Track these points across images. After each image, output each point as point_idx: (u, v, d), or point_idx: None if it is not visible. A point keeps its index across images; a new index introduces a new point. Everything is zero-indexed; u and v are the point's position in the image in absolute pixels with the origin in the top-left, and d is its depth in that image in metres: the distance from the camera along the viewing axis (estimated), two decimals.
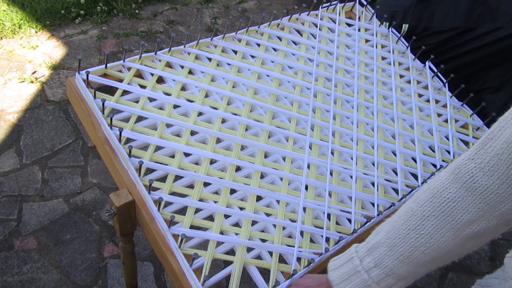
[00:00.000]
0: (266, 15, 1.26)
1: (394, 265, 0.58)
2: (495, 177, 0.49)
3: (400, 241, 0.57)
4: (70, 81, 0.95)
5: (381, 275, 0.59)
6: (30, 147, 1.80)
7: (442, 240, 0.54)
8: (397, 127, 1.15)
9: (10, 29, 2.24)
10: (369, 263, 0.60)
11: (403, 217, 0.58)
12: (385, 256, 0.59)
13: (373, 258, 0.60)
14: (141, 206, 0.83)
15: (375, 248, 0.60)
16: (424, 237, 0.55)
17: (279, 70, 1.15)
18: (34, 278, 1.44)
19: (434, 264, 0.58)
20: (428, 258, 0.56)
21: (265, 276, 0.81)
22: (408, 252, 0.57)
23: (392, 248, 0.58)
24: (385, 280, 0.59)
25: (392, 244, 0.58)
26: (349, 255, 0.62)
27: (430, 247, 0.55)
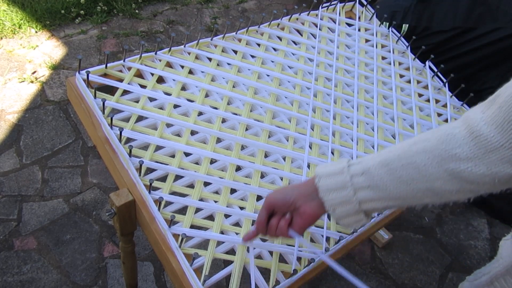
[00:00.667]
0: (266, 15, 1.26)
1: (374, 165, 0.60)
2: (493, 126, 0.51)
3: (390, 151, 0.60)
4: (70, 81, 0.96)
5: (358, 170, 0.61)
6: (30, 147, 1.80)
7: (426, 161, 0.56)
8: (397, 126, 1.15)
9: (10, 29, 2.24)
10: (354, 161, 0.63)
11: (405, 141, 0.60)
12: (370, 158, 0.61)
13: (360, 158, 0.62)
14: (142, 205, 0.83)
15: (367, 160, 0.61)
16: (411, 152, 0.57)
17: (279, 70, 1.15)
18: (34, 278, 1.44)
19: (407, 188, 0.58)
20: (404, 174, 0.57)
21: (265, 276, 0.81)
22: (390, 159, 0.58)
23: (380, 154, 0.60)
24: (359, 176, 0.60)
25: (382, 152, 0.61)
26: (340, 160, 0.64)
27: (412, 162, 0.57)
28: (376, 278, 1.65)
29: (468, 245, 1.83)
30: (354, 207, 0.61)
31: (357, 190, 0.60)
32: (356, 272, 1.65)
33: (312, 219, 0.66)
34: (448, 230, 1.86)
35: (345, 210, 0.62)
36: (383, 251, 1.73)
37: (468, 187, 0.55)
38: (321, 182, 0.63)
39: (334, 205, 0.62)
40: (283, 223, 0.68)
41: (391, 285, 1.64)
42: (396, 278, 1.66)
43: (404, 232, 1.82)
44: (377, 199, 0.60)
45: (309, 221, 0.66)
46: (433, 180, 0.56)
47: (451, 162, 0.54)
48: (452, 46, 1.77)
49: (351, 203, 0.61)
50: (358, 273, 1.65)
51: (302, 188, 0.66)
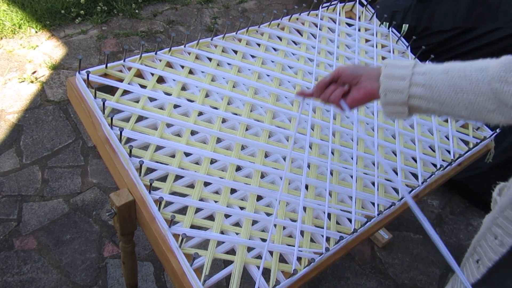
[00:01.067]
0: (266, 15, 1.26)
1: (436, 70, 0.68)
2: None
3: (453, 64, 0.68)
4: (70, 81, 0.95)
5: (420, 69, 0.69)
6: (30, 147, 1.80)
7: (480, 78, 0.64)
8: (397, 126, 1.15)
9: (10, 29, 2.24)
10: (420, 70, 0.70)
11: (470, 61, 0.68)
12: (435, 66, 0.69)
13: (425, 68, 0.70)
14: (142, 205, 0.83)
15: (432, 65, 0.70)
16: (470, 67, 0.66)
17: (279, 70, 1.15)
18: (34, 278, 1.44)
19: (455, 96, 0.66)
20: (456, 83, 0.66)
21: (265, 276, 0.81)
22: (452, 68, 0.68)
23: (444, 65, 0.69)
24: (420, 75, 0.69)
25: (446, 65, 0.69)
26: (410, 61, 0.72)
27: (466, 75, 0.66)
28: (376, 278, 1.65)
29: (468, 245, 1.83)
30: (403, 98, 0.69)
31: (412, 84, 0.68)
32: (356, 272, 1.65)
33: (367, 96, 0.74)
34: (448, 230, 1.86)
35: (394, 98, 0.70)
36: (383, 251, 1.73)
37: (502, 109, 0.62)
38: (386, 69, 0.71)
39: (387, 90, 0.70)
40: (339, 90, 0.77)
41: (391, 285, 1.64)
42: (396, 278, 1.66)
43: (404, 232, 1.82)
44: (425, 98, 0.68)
45: (363, 97, 0.75)
46: (478, 95, 0.64)
47: (498, 83, 0.61)
48: (452, 46, 1.77)
49: (402, 93, 0.69)
50: (358, 273, 1.65)
51: (370, 69, 0.75)
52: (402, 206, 1.02)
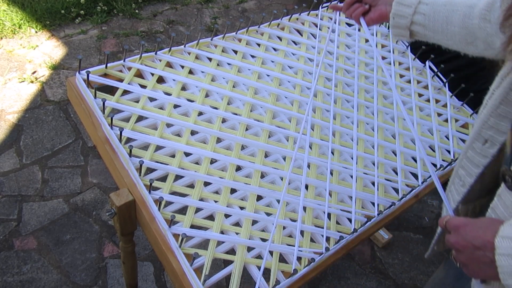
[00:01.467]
0: (266, 15, 1.26)
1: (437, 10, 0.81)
2: None
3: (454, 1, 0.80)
4: (70, 81, 0.95)
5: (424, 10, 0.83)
6: (30, 147, 1.80)
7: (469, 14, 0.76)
8: (397, 126, 1.15)
9: (10, 29, 2.24)
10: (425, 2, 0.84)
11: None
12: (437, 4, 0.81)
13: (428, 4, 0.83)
14: (142, 205, 0.83)
15: None
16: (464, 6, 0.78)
17: (279, 70, 1.15)
18: (34, 278, 1.44)
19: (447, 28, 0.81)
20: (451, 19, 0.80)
21: (265, 276, 0.81)
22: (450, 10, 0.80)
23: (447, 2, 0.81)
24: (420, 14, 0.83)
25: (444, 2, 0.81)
26: None
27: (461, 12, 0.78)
28: (376, 278, 1.65)
29: None
30: (407, 23, 0.85)
31: (416, 12, 0.83)
32: (356, 272, 1.65)
33: (380, 17, 0.92)
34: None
35: (400, 22, 0.86)
36: (383, 251, 1.73)
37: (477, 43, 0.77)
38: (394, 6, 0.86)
39: (395, 15, 0.86)
40: (361, 9, 0.94)
41: (391, 285, 1.64)
42: (396, 278, 1.66)
43: (404, 232, 1.82)
44: (423, 25, 0.83)
45: (377, 17, 0.92)
46: (462, 28, 0.77)
47: (479, 19, 0.74)
48: None
49: (407, 19, 0.84)
50: (358, 273, 1.65)
51: None
52: (402, 206, 1.02)
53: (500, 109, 0.64)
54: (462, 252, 0.57)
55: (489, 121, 0.66)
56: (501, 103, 0.64)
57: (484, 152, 0.68)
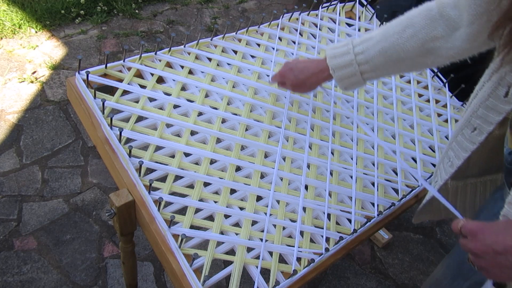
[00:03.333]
0: (266, 15, 1.26)
1: (375, 55, 0.82)
2: (456, 9, 0.72)
3: (386, 38, 0.80)
4: (70, 81, 0.95)
5: (363, 60, 0.83)
6: (30, 147, 1.80)
7: (413, 45, 0.78)
8: (397, 127, 1.15)
9: (10, 29, 2.24)
10: (359, 49, 0.83)
11: (395, 23, 0.80)
12: (371, 47, 0.82)
13: (362, 47, 0.83)
14: (141, 206, 0.83)
15: (366, 40, 0.83)
16: (402, 39, 0.79)
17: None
18: (34, 278, 1.44)
19: (399, 66, 0.82)
20: (397, 57, 0.80)
21: (265, 276, 0.81)
22: (387, 47, 0.80)
23: (378, 43, 0.81)
24: (364, 64, 0.83)
25: (379, 40, 0.81)
26: (346, 42, 0.85)
27: (403, 48, 0.79)
28: (376, 278, 1.65)
29: None
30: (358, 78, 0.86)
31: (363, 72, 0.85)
32: (356, 272, 1.65)
33: None
34: (448, 230, 1.86)
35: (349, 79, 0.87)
36: (383, 251, 1.73)
37: (438, 59, 0.79)
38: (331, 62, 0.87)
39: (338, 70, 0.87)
40: None
41: (391, 285, 1.64)
42: (396, 278, 1.66)
43: (404, 232, 1.82)
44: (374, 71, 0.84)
45: None
46: (416, 57, 0.79)
47: (431, 42, 0.76)
48: None
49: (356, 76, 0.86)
50: (358, 273, 1.65)
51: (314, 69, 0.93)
52: (402, 207, 1.02)
53: (488, 102, 0.68)
54: (482, 257, 0.56)
55: (478, 111, 0.70)
56: (489, 95, 0.67)
57: (473, 139, 0.72)
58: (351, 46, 0.84)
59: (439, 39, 0.75)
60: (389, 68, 0.83)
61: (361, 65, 0.83)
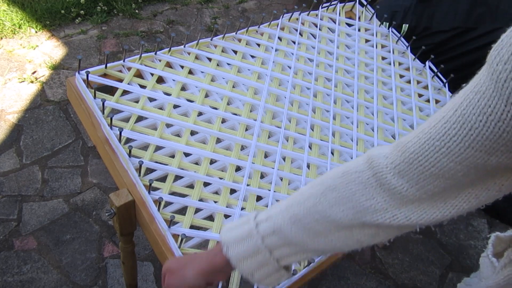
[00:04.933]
0: (266, 15, 1.26)
1: (284, 222, 0.54)
2: (404, 179, 0.47)
3: (298, 203, 0.54)
4: (70, 81, 0.95)
5: (268, 230, 0.55)
6: (30, 147, 1.80)
7: (341, 214, 0.51)
8: (397, 127, 1.15)
9: (10, 29, 2.24)
10: (261, 217, 0.57)
11: (310, 185, 0.56)
12: (278, 213, 0.56)
13: (266, 213, 0.57)
14: (141, 206, 0.83)
15: (273, 208, 0.57)
16: (322, 205, 0.52)
17: (279, 70, 1.15)
18: (34, 278, 1.44)
19: (324, 240, 0.54)
20: (319, 228, 0.53)
21: None
22: (301, 214, 0.54)
23: (288, 208, 0.55)
24: (271, 236, 0.55)
25: (289, 205, 0.55)
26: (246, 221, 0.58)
27: (326, 216, 0.52)
28: (376, 278, 1.65)
29: (468, 245, 1.83)
30: (273, 267, 0.56)
31: (272, 250, 0.55)
32: (356, 272, 1.65)
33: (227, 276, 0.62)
34: (448, 230, 1.86)
35: (264, 272, 0.57)
36: (383, 251, 1.73)
37: (387, 232, 0.53)
38: (230, 251, 0.56)
39: (252, 271, 0.57)
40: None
41: (391, 285, 1.64)
42: (396, 278, 1.66)
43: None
44: (295, 253, 0.56)
45: None
46: (351, 228, 0.53)
47: (368, 215, 0.50)
48: (452, 46, 1.77)
49: (270, 264, 0.56)
50: (358, 273, 1.65)
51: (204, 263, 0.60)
52: None
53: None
54: None
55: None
56: None
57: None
58: (252, 216, 0.58)
59: (379, 212, 0.50)
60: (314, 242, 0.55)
61: (266, 237, 0.55)
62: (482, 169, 0.44)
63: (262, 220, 0.56)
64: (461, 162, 0.43)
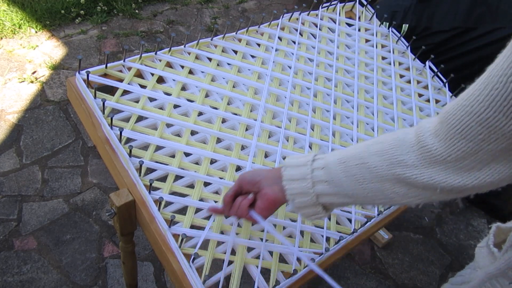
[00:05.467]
0: (266, 15, 1.26)
1: (333, 161, 0.61)
2: (437, 139, 0.52)
3: (351, 149, 0.62)
4: (70, 81, 0.95)
5: (319, 164, 0.63)
6: (30, 147, 1.80)
7: (377, 164, 0.58)
8: (397, 127, 1.15)
9: (10, 29, 2.24)
10: (319, 155, 0.65)
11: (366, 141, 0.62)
12: (333, 154, 0.63)
13: (323, 162, 0.63)
14: (142, 206, 0.83)
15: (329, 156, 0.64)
16: (366, 153, 0.59)
17: (279, 70, 1.15)
18: (34, 278, 1.44)
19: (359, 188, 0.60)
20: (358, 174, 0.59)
21: (265, 276, 0.82)
22: (348, 157, 0.60)
23: (341, 152, 0.62)
24: (319, 170, 0.63)
25: (344, 150, 0.62)
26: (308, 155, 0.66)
27: (365, 163, 0.59)
28: (376, 278, 1.65)
29: (468, 245, 1.83)
30: (311, 199, 0.63)
31: (315, 183, 0.62)
32: (356, 272, 1.65)
33: (273, 204, 0.68)
34: (448, 230, 1.86)
35: (303, 201, 0.64)
36: (383, 251, 1.73)
37: (413, 192, 0.56)
38: (286, 171, 0.65)
39: (293, 195, 0.64)
40: (245, 202, 0.70)
41: (391, 285, 1.64)
42: (396, 278, 1.66)
43: (404, 232, 1.82)
44: (333, 194, 0.62)
45: (269, 205, 0.69)
46: (382, 181, 0.58)
47: (398, 167, 0.55)
48: (452, 46, 1.77)
49: (309, 195, 0.63)
50: (358, 273, 1.65)
51: (270, 172, 0.69)
52: (402, 206, 1.02)
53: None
54: None
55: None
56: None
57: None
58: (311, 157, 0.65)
59: (409, 167, 0.55)
60: (350, 187, 0.60)
61: (316, 169, 0.63)
62: (501, 137, 0.46)
63: (319, 157, 0.64)
64: (481, 123, 0.47)
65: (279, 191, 0.67)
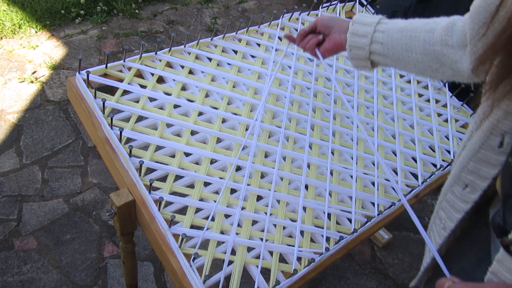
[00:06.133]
0: (266, 15, 1.26)
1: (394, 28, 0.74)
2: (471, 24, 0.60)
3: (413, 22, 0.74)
4: (70, 81, 0.95)
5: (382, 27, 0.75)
6: (30, 147, 1.80)
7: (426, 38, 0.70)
8: (397, 126, 1.15)
9: (10, 29, 2.24)
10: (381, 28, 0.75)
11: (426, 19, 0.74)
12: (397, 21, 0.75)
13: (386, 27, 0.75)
14: (142, 205, 0.83)
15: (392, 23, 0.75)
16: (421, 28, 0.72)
17: (279, 70, 1.15)
18: (34, 278, 1.44)
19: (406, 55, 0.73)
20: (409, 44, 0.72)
21: (265, 276, 0.81)
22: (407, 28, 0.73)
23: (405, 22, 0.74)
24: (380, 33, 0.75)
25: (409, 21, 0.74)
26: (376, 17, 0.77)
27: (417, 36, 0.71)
28: (376, 278, 1.65)
29: None
30: (365, 54, 0.77)
31: (373, 42, 0.75)
32: (356, 272, 1.65)
33: (336, 47, 0.83)
34: None
35: (358, 53, 0.78)
36: (383, 251, 1.73)
37: (443, 69, 0.70)
38: (353, 26, 0.78)
39: (351, 47, 0.78)
40: (314, 39, 0.86)
41: (391, 285, 1.64)
42: (396, 278, 1.66)
43: (404, 232, 1.82)
44: (383, 55, 0.75)
45: (333, 47, 0.84)
46: (424, 54, 0.71)
47: (440, 46, 0.68)
48: None
49: (364, 50, 0.77)
50: (358, 273, 1.65)
51: (343, 22, 0.82)
52: (402, 206, 1.02)
53: (480, 154, 0.60)
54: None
55: (469, 165, 0.62)
56: (481, 147, 0.59)
57: (465, 197, 0.63)
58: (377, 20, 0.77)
59: (448, 47, 0.67)
60: (399, 53, 0.73)
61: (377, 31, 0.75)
62: None
63: (385, 22, 0.76)
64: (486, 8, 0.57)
65: (345, 39, 0.79)
